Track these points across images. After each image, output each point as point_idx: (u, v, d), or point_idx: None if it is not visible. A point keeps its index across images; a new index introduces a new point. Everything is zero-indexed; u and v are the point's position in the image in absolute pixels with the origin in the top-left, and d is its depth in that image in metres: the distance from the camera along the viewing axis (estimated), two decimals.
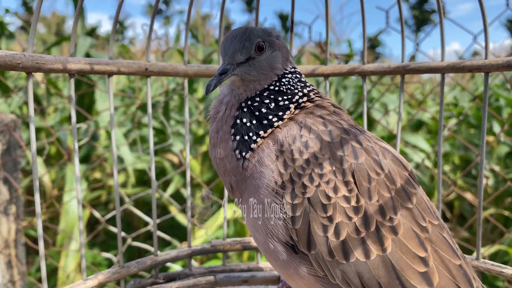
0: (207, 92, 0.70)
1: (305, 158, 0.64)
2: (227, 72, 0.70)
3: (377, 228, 0.60)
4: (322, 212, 0.62)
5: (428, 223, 0.63)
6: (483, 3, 0.84)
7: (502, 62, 0.83)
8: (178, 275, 1.01)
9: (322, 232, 0.61)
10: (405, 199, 0.63)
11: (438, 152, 0.93)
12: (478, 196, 0.88)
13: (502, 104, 3.04)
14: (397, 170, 0.66)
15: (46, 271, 0.82)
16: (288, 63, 0.75)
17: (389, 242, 0.60)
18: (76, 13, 0.81)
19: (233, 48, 0.70)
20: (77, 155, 0.85)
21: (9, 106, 2.84)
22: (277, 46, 0.73)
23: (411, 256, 0.60)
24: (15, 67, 0.74)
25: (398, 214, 0.62)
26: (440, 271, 0.60)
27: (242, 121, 0.69)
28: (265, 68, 0.71)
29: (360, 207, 0.61)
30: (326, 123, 0.67)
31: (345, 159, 0.63)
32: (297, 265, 0.65)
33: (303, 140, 0.65)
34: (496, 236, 2.61)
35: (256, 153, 0.67)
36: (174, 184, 2.44)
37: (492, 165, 2.67)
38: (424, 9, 20.75)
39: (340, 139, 0.65)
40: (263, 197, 0.66)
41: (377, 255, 0.60)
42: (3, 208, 1.79)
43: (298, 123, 0.68)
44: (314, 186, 0.62)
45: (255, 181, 0.67)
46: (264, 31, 0.72)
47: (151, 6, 15.37)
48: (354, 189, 0.62)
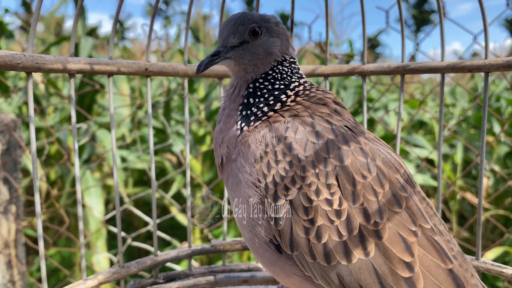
0: (197, 71, 0.71)
1: (288, 161, 0.64)
2: (220, 54, 0.71)
3: (360, 232, 0.60)
4: (303, 215, 0.61)
5: (418, 227, 0.62)
6: (483, 3, 0.84)
7: (502, 62, 0.83)
8: (178, 275, 1.01)
9: (304, 234, 0.61)
10: (393, 203, 0.62)
11: (438, 152, 0.93)
12: (478, 196, 0.88)
13: (503, 105, 3.04)
14: (387, 172, 0.64)
15: (46, 271, 0.82)
16: (288, 52, 0.75)
17: (372, 246, 0.59)
18: (76, 13, 0.81)
19: (227, 32, 0.71)
20: (77, 155, 0.85)
21: (9, 105, 2.84)
22: (276, 32, 0.73)
23: (396, 261, 0.59)
24: (15, 67, 0.74)
25: (384, 218, 0.60)
26: (427, 277, 0.59)
27: (249, 100, 0.72)
28: (259, 53, 0.71)
29: (342, 211, 0.61)
30: (314, 124, 0.67)
31: (329, 161, 0.63)
32: (283, 264, 0.65)
33: (287, 141, 0.65)
34: (496, 236, 2.61)
35: (252, 133, 0.68)
36: (176, 184, 2.44)
37: (492, 165, 2.67)
38: (424, 9, 20.76)
39: (326, 140, 0.64)
40: (247, 196, 0.66)
41: (359, 259, 0.59)
42: (3, 208, 1.79)
43: (285, 123, 0.68)
44: (296, 189, 0.62)
45: (242, 176, 0.67)
46: (262, 17, 0.73)
47: (151, 5, 15.37)
48: (337, 192, 0.61)
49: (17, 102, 2.90)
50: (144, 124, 2.92)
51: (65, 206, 2.44)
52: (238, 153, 0.69)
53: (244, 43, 0.71)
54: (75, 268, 2.31)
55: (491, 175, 2.65)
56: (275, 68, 0.73)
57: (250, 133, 0.69)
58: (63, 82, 3.11)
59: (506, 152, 2.82)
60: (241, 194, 0.67)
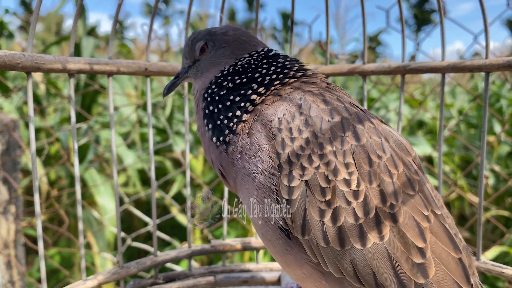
0: (164, 95, 0.79)
1: (305, 137, 0.61)
2: (179, 76, 0.79)
3: (376, 214, 0.57)
4: (320, 196, 0.58)
5: (431, 213, 0.60)
6: (484, 3, 0.84)
7: (502, 62, 0.82)
8: (178, 276, 1.00)
9: (319, 217, 0.58)
10: (407, 186, 0.60)
11: (439, 152, 0.93)
12: (479, 196, 0.88)
13: (503, 104, 3.04)
14: (400, 154, 0.62)
15: (45, 271, 0.82)
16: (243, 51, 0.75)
17: (387, 230, 0.57)
18: (76, 12, 0.81)
19: (182, 55, 0.79)
20: (76, 155, 0.85)
21: (10, 104, 2.84)
22: (224, 41, 0.75)
23: (409, 246, 0.57)
24: (14, 67, 0.73)
25: (399, 201, 0.58)
26: (438, 264, 0.57)
27: (209, 110, 0.71)
28: (209, 66, 0.76)
29: (360, 192, 0.58)
30: (327, 101, 0.64)
31: (345, 139, 0.60)
32: (296, 253, 0.63)
33: (302, 118, 0.62)
34: (497, 236, 2.61)
35: (243, 137, 0.66)
36: (177, 184, 2.44)
37: (493, 165, 2.67)
38: (425, 9, 20.75)
39: (341, 118, 0.62)
40: (258, 182, 0.63)
41: (374, 243, 0.56)
42: (2, 208, 1.79)
43: (294, 101, 0.65)
44: (313, 168, 0.59)
45: (249, 166, 0.64)
46: (208, 31, 0.76)
47: (149, 5, 15.35)
48: (354, 172, 0.59)
49: (17, 102, 2.89)
50: (145, 124, 2.92)
51: (65, 206, 2.44)
52: (239, 156, 0.66)
53: (196, 61, 0.77)
54: (74, 268, 2.30)
55: (492, 175, 2.65)
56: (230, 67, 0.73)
57: (243, 133, 0.66)
58: (63, 82, 3.11)
59: (507, 151, 2.82)
60: (252, 181, 0.64)
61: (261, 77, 0.70)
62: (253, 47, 0.75)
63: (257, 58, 0.73)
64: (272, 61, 0.73)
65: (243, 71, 0.72)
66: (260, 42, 0.78)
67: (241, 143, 0.66)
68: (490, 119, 2.85)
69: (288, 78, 0.70)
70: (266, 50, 0.75)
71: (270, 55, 0.74)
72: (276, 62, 0.72)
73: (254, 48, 0.75)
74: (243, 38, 0.76)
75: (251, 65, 0.72)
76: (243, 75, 0.71)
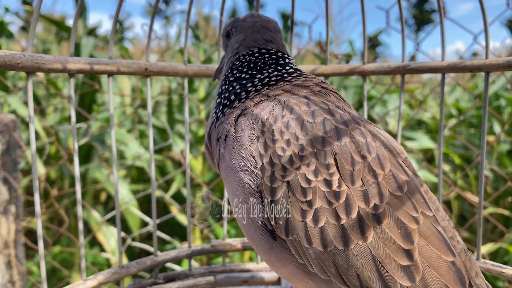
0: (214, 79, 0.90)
1: (286, 139, 0.62)
2: (222, 60, 0.87)
3: (359, 215, 0.57)
4: (301, 197, 0.59)
5: (420, 214, 0.59)
6: (484, 3, 0.84)
7: (502, 62, 0.82)
8: (178, 276, 1.00)
9: (301, 217, 0.58)
10: (393, 186, 0.59)
11: (439, 152, 0.93)
12: (479, 196, 0.88)
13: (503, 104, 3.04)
14: (387, 155, 0.62)
15: (45, 271, 0.82)
16: (255, 43, 0.79)
17: (371, 231, 0.56)
18: (76, 12, 0.81)
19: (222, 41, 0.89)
20: (76, 155, 0.85)
21: (9, 105, 2.83)
22: (241, 27, 0.81)
23: (394, 248, 0.56)
24: (14, 67, 0.73)
25: (384, 201, 0.58)
26: (426, 267, 0.56)
27: (221, 88, 0.79)
28: (230, 52, 0.83)
29: (341, 192, 0.58)
30: (309, 104, 0.65)
31: (327, 140, 0.60)
32: (278, 252, 0.63)
33: (284, 120, 0.63)
34: (496, 236, 2.61)
35: (230, 123, 0.69)
36: (176, 184, 2.44)
37: (492, 164, 2.67)
38: (425, 9, 20.75)
39: (323, 119, 0.63)
40: (240, 178, 0.64)
41: (356, 244, 0.56)
42: (2, 208, 1.79)
43: (280, 103, 0.66)
44: (294, 169, 0.60)
45: (232, 160, 0.65)
46: (235, 18, 0.84)
47: (151, 5, 15.36)
48: (336, 173, 0.59)
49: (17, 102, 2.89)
50: (146, 123, 2.92)
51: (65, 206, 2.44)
52: (224, 135, 0.70)
53: (227, 46, 0.85)
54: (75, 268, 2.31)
55: (491, 175, 2.65)
56: (242, 57, 0.79)
57: (230, 123, 0.69)
58: (63, 82, 3.11)
59: (507, 150, 2.82)
60: (236, 178, 0.65)
61: (262, 75, 0.75)
62: (264, 43, 0.80)
63: (264, 56, 0.78)
64: (277, 65, 0.78)
65: (252, 65, 0.77)
66: (275, 37, 0.81)
67: (227, 127, 0.69)
68: (489, 119, 2.86)
69: (283, 81, 0.73)
70: (276, 51, 0.79)
71: (280, 62, 0.79)
72: (281, 67, 0.78)
73: (265, 45, 0.79)
74: (257, 26, 0.80)
75: (257, 63, 0.77)
76: (249, 70, 0.77)
